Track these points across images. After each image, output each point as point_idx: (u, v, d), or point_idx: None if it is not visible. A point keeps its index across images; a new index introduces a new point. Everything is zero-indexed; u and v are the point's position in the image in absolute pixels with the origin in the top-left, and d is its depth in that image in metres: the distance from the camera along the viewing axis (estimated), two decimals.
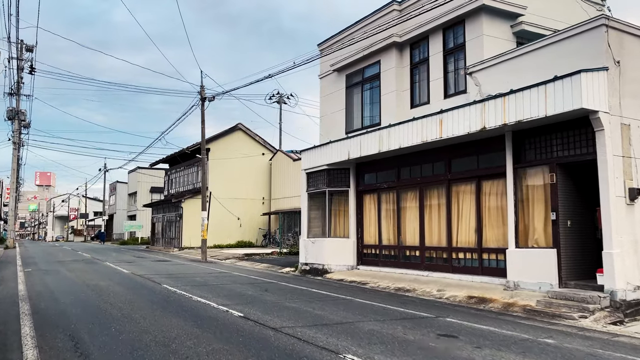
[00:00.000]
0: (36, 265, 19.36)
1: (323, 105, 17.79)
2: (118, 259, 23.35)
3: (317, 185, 16.56)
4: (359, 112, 16.09)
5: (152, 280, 13.73)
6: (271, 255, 24.22)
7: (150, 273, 16.03)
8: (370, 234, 15.34)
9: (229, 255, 24.47)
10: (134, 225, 48.92)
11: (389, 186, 14.46)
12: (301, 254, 16.98)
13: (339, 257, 15.65)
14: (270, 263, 20.33)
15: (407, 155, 13.60)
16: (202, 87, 23.42)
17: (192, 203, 32.68)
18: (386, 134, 13.24)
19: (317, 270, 15.90)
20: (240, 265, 20.37)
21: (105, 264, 20.02)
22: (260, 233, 34.69)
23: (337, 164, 15.60)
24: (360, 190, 15.68)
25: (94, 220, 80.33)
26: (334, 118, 17.13)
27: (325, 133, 17.52)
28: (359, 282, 13.63)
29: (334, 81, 17.24)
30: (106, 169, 55.98)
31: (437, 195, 12.94)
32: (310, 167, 16.84)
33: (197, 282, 13.55)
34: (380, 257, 14.78)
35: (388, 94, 14.76)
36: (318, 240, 16.23)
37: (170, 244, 34.44)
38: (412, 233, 13.66)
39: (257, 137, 35.64)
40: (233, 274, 16.13)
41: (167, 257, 25.48)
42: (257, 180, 34.81)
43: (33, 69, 37.13)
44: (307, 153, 17.05)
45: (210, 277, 15.03)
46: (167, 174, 40.06)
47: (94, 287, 12.10)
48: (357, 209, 15.72)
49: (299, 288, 12.46)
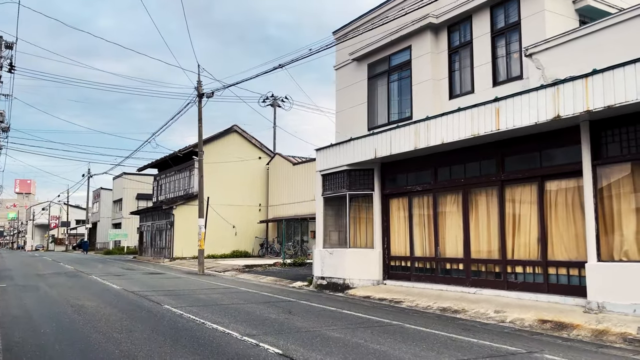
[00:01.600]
0: (12, 280, 17.11)
1: (339, 100, 15.94)
2: (105, 272, 21.13)
3: (335, 189, 14.65)
4: (384, 106, 14.27)
5: (149, 299, 11.66)
6: (274, 266, 22.20)
7: (144, 289, 13.93)
8: (398, 244, 13.47)
9: (227, 267, 22.38)
10: (120, 234, 46.42)
11: (424, 189, 12.62)
12: (316, 267, 15.02)
13: (362, 271, 13.74)
14: (276, 276, 18.32)
15: (447, 153, 11.79)
16: (199, 83, 21.45)
17: (184, 210, 30.54)
18: (424, 128, 11.43)
19: (336, 285, 13.96)
20: (243, 279, 18.32)
21: (91, 278, 17.83)
22: (257, 242, 32.61)
23: (360, 164, 13.74)
24: (386, 194, 13.81)
25: (76, 228, 77.31)
26: (353, 113, 15.28)
27: (342, 130, 15.66)
28: (391, 301, 11.72)
29: (352, 72, 15.41)
30: (90, 174, 53.43)
31: (486, 199, 11.13)
32: (326, 169, 14.94)
33: (203, 301, 11.52)
34: (412, 271, 12.90)
35: (421, 83, 12.97)
36: (337, 250, 14.30)
37: (160, 254, 32.17)
38: (453, 243, 11.82)
39: (254, 139, 33.66)
40: (240, 290, 14.10)
41: (158, 269, 23.29)
42: (253, 186, 32.78)
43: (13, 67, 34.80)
44: (323, 152, 15.15)
45: (216, 294, 13.00)
46: (156, 179, 37.81)
47: (81, 309, 10.01)
48: (382, 216, 13.85)
49: (327, 309, 10.51)
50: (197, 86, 21.50)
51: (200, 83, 21.46)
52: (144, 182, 48.98)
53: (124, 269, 23.55)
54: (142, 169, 37.96)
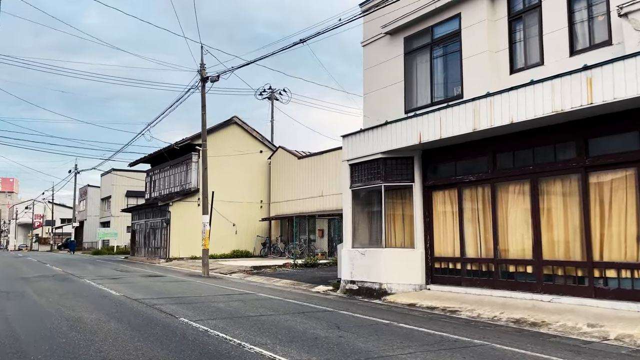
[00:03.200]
0: None
1: (368, 80, 14.13)
2: (97, 274, 19.10)
3: (366, 180, 12.85)
4: (426, 84, 12.49)
5: (159, 309, 9.76)
6: (284, 268, 20.34)
7: (149, 296, 12.00)
8: (444, 244, 11.71)
9: (232, 268, 20.47)
10: (109, 233, 44.16)
11: (479, 179, 10.87)
12: (344, 269, 13.21)
13: (402, 274, 11.95)
14: (291, 279, 16.49)
15: (510, 136, 10.05)
16: (202, 66, 19.50)
17: (181, 207, 28.53)
18: (486, 106, 9.68)
19: (370, 290, 12.16)
20: (254, 282, 16.44)
21: (84, 282, 15.82)
22: (258, 241, 30.69)
23: (398, 151, 11.97)
24: (428, 186, 12.04)
25: (61, 227, 74.60)
26: (386, 94, 13.49)
27: (371, 114, 13.86)
28: (444, 310, 9.95)
29: (384, 48, 13.62)
30: (77, 170, 50.94)
31: (562, 189, 9.40)
32: (355, 157, 13.12)
33: (224, 311, 9.64)
34: (462, 275, 11.14)
35: (474, 57, 11.21)
36: (370, 251, 12.50)
37: (154, 255, 30.11)
38: (518, 242, 10.08)
39: (255, 132, 31.72)
40: (260, 296, 12.24)
41: (156, 271, 21.30)
42: (254, 182, 30.85)
43: None
44: (351, 139, 13.34)
45: (234, 301, 11.12)
46: (149, 174, 35.67)
47: (79, 324, 8.09)
48: (424, 210, 12.08)
49: (378, 321, 8.72)
50: (200, 69, 19.55)
51: (203, 66, 19.52)
52: (135, 179, 46.73)
53: (118, 271, 21.52)
54: (134, 164, 35.81)
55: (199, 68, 19.57)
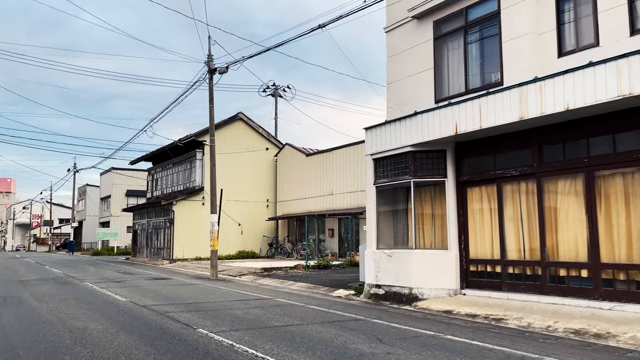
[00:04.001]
0: None
1: (392, 68, 13.15)
2: (100, 277, 18.09)
3: (393, 176, 11.88)
4: (459, 71, 11.51)
5: (172, 318, 8.76)
6: (296, 269, 19.35)
7: (158, 302, 11.01)
8: (481, 245, 10.74)
9: (241, 270, 19.48)
10: (109, 233, 43.09)
11: (522, 173, 9.90)
12: (368, 272, 12.24)
13: (434, 278, 10.98)
14: (306, 281, 15.50)
15: (558, 126, 9.11)
16: (209, 57, 18.50)
17: (185, 206, 27.52)
18: (535, 91, 8.72)
19: (399, 295, 11.18)
20: (268, 286, 15.46)
21: (86, 286, 14.81)
22: (265, 242, 29.68)
23: (430, 143, 11.02)
24: (463, 182, 11.07)
25: (60, 227, 73.51)
26: (413, 83, 12.51)
27: (396, 104, 12.88)
28: (486, 317, 8.98)
29: (411, 33, 12.64)
30: (76, 169, 49.85)
31: (624, 184, 8.44)
32: (380, 151, 12.16)
33: (245, 320, 8.65)
34: (503, 278, 10.16)
35: (515, 39, 10.23)
36: (398, 253, 11.52)
37: (157, 255, 29.08)
38: (570, 243, 9.11)
39: (261, 129, 30.71)
40: (280, 302, 11.25)
41: (161, 273, 20.29)
42: (260, 180, 29.85)
43: None
44: (375, 132, 12.37)
45: (254, 308, 10.13)
46: (151, 173, 34.62)
47: (85, 337, 7.10)
48: (458, 209, 11.11)
49: (419, 332, 7.75)
50: (207, 60, 18.55)
51: (210, 57, 18.52)
52: (135, 177, 45.76)
53: (121, 273, 20.50)
54: (135, 162, 34.77)
55: (206, 59, 18.58)
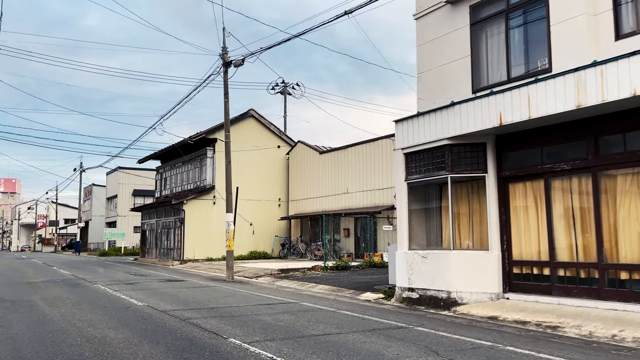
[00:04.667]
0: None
1: (423, 57, 12.37)
2: (111, 279, 17.38)
3: (426, 171, 11.10)
4: (499, 58, 10.74)
5: (197, 325, 8.02)
6: (314, 271, 18.60)
7: (178, 306, 10.26)
8: (526, 245, 9.96)
9: (257, 272, 18.73)
10: (116, 234, 42.44)
11: (575, 167, 9.11)
12: (399, 274, 11.46)
13: (474, 281, 10.20)
14: (328, 284, 14.75)
15: (617, 115, 8.32)
16: (224, 49, 17.77)
17: (195, 205, 26.80)
18: (594, 77, 7.94)
19: (435, 300, 10.41)
20: (288, 288, 14.70)
21: (98, 288, 14.09)
22: (277, 242, 28.93)
23: (468, 136, 10.25)
24: (505, 177, 10.29)
25: (65, 228, 73.00)
26: (447, 72, 11.74)
27: (428, 95, 12.10)
28: (538, 325, 8.20)
29: (444, 19, 11.86)
30: (82, 168, 49.25)
31: None
32: (412, 145, 11.39)
33: (276, 327, 7.89)
34: (553, 282, 9.37)
35: (565, 22, 9.44)
36: (434, 254, 10.75)
37: (167, 256, 28.38)
38: (634, 243, 8.33)
39: (272, 126, 29.98)
40: (307, 306, 10.50)
41: (174, 274, 19.57)
42: (271, 178, 29.11)
43: None
44: (406, 125, 11.60)
45: (282, 314, 9.37)
46: (159, 172, 33.93)
47: (104, 348, 6.36)
48: (500, 206, 10.32)
49: (475, 342, 6.98)
50: (221, 53, 17.82)
51: (225, 49, 17.78)
52: (143, 177, 45.12)
53: (132, 274, 19.79)
54: (143, 160, 34.08)
55: (220, 52, 17.85)
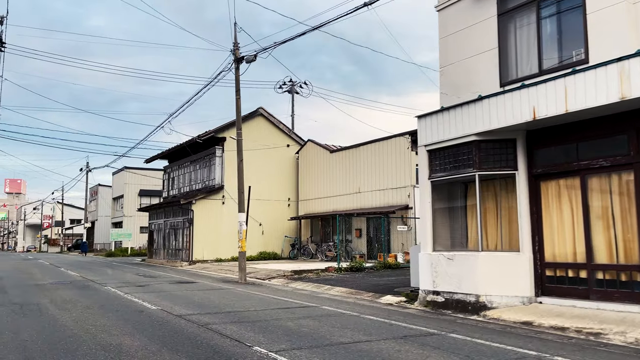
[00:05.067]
0: (4, 294, 12.94)
1: (446, 50, 11.88)
2: (120, 280, 16.97)
3: (452, 169, 10.62)
4: (529, 50, 10.25)
5: (217, 332, 7.56)
6: (327, 272, 18.13)
7: (193, 310, 9.81)
8: (561, 246, 9.46)
9: (269, 273, 18.28)
10: (123, 234, 42.11)
11: (615, 163, 8.61)
12: (423, 277, 10.98)
13: (504, 284, 9.70)
14: (345, 286, 14.28)
15: None
16: (235, 45, 17.33)
17: (204, 205, 26.39)
18: None
19: (463, 304, 9.92)
20: (303, 290, 14.24)
21: (108, 291, 13.67)
22: (286, 242, 28.49)
23: (497, 132, 9.77)
24: (537, 174, 9.80)
25: (71, 228, 72.79)
26: (472, 65, 11.25)
27: (451, 90, 11.61)
28: (578, 331, 7.69)
29: (469, 10, 11.37)
30: (89, 168, 48.95)
31: None
32: (436, 142, 10.91)
33: (301, 334, 7.43)
34: (591, 285, 8.87)
35: (603, 10, 8.94)
36: (460, 255, 10.26)
37: (175, 257, 27.97)
38: None
39: (282, 125, 29.54)
40: (328, 310, 10.03)
41: (184, 276, 19.14)
42: (281, 178, 28.66)
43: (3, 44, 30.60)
44: (429, 121, 11.13)
45: (304, 319, 8.91)
46: (167, 171, 33.54)
47: (121, 357, 5.92)
48: (531, 205, 9.83)
49: (519, 352, 6.49)
50: (233, 49, 17.38)
51: (236, 45, 17.34)
52: (149, 177, 44.78)
53: (141, 275, 19.38)
54: (151, 160, 33.69)
55: (231, 48, 17.41)
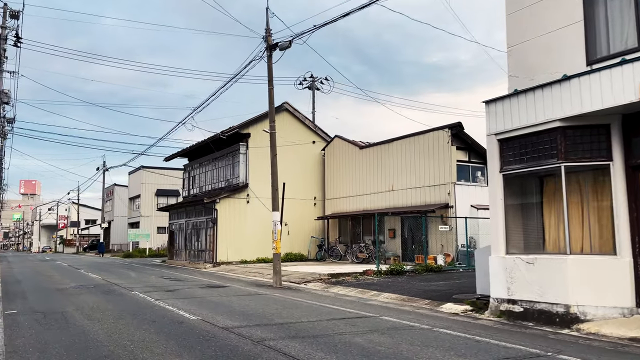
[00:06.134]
0: (25, 300, 11.86)
1: (514, 27, 10.55)
2: (146, 284, 15.85)
3: (530, 160, 9.31)
4: (622, 22, 8.91)
5: (282, 352, 6.34)
6: (365, 275, 16.88)
7: (241, 322, 8.60)
8: None
9: (303, 276, 17.07)
10: (141, 235, 41.17)
11: None
12: (494, 283, 9.68)
13: (599, 292, 8.37)
14: (393, 292, 13.02)
15: None
16: (267, 32, 16.13)
17: (228, 204, 25.27)
18: None
19: (547, 315, 8.61)
20: (348, 297, 12.99)
21: (137, 296, 12.53)
22: (313, 243, 27.26)
23: (585, 117, 8.46)
24: (635, 165, 8.46)
25: (87, 228, 72.28)
26: (549, 42, 9.92)
27: (522, 72, 10.29)
28: None
29: None
30: (105, 167, 48.14)
31: None
32: (509, 130, 9.62)
33: (383, 356, 6.18)
34: None
35: None
36: (544, 259, 8.95)
37: (197, 258, 26.87)
38: None
39: (307, 120, 28.36)
40: (391, 322, 8.78)
41: (212, 279, 17.98)
42: (306, 176, 27.43)
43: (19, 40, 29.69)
44: (500, 105, 9.83)
45: (372, 334, 7.65)
46: (187, 169, 32.48)
47: None
48: (630, 202, 8.49)
49: None
50: (265, 35, 16.18)
51: (269, 31, 16.15)
52: (167, 176, 43.83)
53: (167, 278, 18.26)
54: (170, 158, 32.65)
55: (264, 34, 16.22)
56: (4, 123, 32.89)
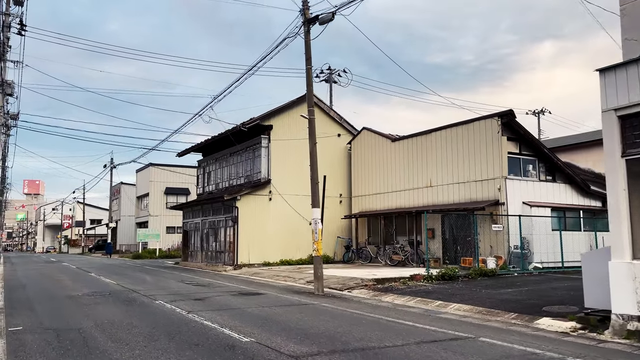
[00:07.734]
0: (32, 312, 9.97)
1: None
2: (168, 290, 13.96)
3: None
4: None
5: None
6: (414, 280, 14.92)
7: (312, 347, 6.68)
8: None
9: (343, 281, 15.10)
10: (150, 235, 39.30)
11: None
12: (617, 295, 7.74)
13: None
14: (460, 301, 11.10)
15: None
16: (305, 4, 14.23)
17: (249, 202, 23.36)
18: None
19: None
20: (407, 307, 11.05)
21: (162, 307, 10.61)
22: (340, 243, 25.31)
23: None
24: None
25: (93, 228, 70.49)
26: None
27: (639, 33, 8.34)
28: None
29: None
30: (113, 164, 46.28)
31: None
32: (634, 104, 7.68)
33: None
34: None
35: None
36: None
37: (216, 260, 24.95)
38: None
39: (332, 111, 26.40)
40: (495, 344, 6.86)
41: (239, 284, 16.04)
42: (331, 171, 25.42)
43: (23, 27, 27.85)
44: (620, 75, 7.92)
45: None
46: (201, 165, 30.58)
47: None
48: None
49: None
50: (302, 8, 14.28)
51: (306, 4, 14.25)
52: (177, 173, 42.00)
53: (188, 283, 16.35)
54: (183, 153, 30.74)
55: (300, 7, 14.32)
56: (8, 118, 31.11)
